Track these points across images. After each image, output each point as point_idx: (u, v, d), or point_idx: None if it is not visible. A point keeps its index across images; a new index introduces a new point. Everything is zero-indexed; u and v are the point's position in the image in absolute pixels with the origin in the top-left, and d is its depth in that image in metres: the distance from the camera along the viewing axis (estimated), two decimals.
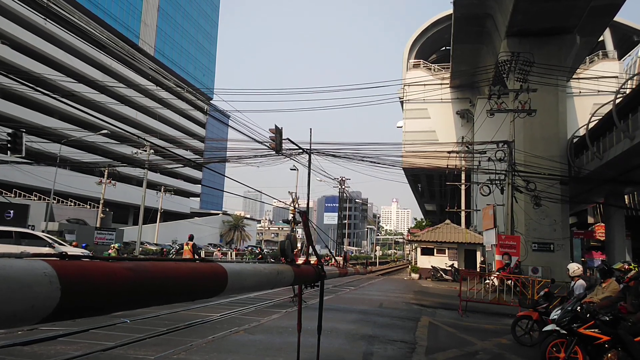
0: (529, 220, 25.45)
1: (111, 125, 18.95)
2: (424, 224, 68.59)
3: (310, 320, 6.68)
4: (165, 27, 69.50)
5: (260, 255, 34.69)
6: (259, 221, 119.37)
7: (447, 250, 30.42)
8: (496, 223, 22.71)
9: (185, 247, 17.09)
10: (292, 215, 39.12)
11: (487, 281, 20.27)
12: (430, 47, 54.06)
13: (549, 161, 24.17)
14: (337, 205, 65.80)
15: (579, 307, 6.53)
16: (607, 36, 44.48)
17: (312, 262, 4.41)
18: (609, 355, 6.18)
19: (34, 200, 41.64)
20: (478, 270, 27.20)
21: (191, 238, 17.14)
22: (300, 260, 4.92)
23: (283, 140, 21.64)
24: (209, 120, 77.70)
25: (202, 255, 36.71)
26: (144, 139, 28.58)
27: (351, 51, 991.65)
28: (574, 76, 38.21)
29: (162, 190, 49.80)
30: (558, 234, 26.13)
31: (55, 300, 1.40)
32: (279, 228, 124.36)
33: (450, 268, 28.96)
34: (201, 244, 50.60)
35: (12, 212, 28.91)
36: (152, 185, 48.89)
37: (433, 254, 30.44)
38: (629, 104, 21.68)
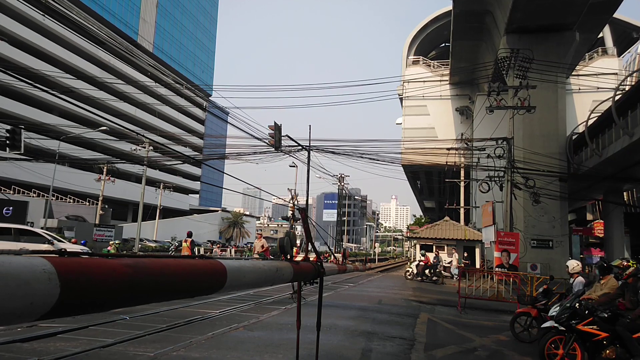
0: (528, 217, 25.49)
1: (110, 122, 18.94)
2: (423, 220, 68.61)
3: (309, 316, 6.69)
4: (164, 23, 69.31)
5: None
6: (258, 218, 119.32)
7: (446, 247, 30.44)
8: (495, 220, 22.74)
9: (184, 244, 17.16)
10: (291, 212, 39.18)
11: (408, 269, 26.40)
12: (430, 43, 54.04)
13: (548, 158, 24.21)
14: (336, 202, 65.83)
15: (577, 304, 6.54)
16: (606, 33, 44.49)
17: (311, 258, 4.41)
18: (607, 351, 6.20)
19: (33, 197, 41.60)
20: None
21: (190, 235, 17.20)
22: (300, 257, 4.92)
23: (282, 137, 21.62)
24: (207, 117, 77.61)
25: (202, 252, 36.75)
26: (143, 136, 28.47)
27: (351, 48, 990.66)
28: (573, 73, 38.23)
29: (161, 187, 49.79)
30: (557, 230, 26.18)
31: (54, 297, 1.39)
32: (278, 225, 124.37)
33: (449, 265, 28.99)
34: (200, 241, 50.70)
35: (11, 208, 28.87)
36: (151, 182, 48.88)
37: (432, 251, 30.46)
38: (628, 101, 21.69)
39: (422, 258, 25.87)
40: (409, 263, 30.23)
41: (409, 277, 25.56)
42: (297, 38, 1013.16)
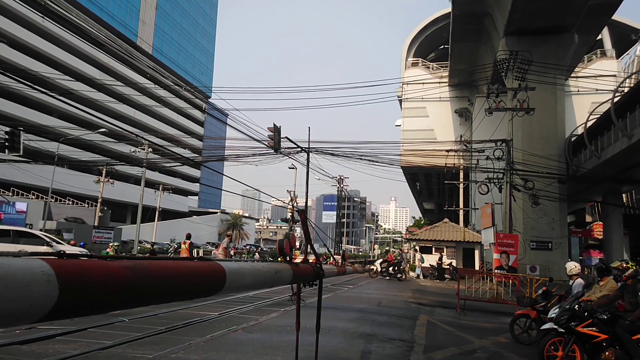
0: (527, 218, 25.49)
1: (109, 124, 18.93)
2: (422, 222, 68.55)
3: (308, 318, 6.68)
4: (163, 25, 69.33)
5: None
6: (257, 220, 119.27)
7: (445, 249, 30.44)
8: (494, 222, 22.73)
9: (183, 246, 17.20)
10: (290, 214, 39.14)
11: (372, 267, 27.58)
12: (429, 45, 54.06)
13: (547, 160, 24.21)
14: (336, 204, 65.83)
15: (576, 306, 6.54)
16: (605, 35, 44.52)
17: (310, 260, 4.41)
18: (607, 353, 6.19)
19: (32, 199, 41.56)
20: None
21: (189, 237, 17.24)
22: (299, 259, 4.92)
23: (281, 139, 21.62)
24: (207, 118, 77.57)
25: (201, 254, 36.72)
26: (142, 138, 28.52)
27: (350, 50, 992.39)
28: (572, 75, 38.26)
29: (161, 188, 49.72)
30: (556, 232, 26.18)
31: (53, 299, 1.39)
32: (277, 227, 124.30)
33: (448, 266, 29.02)
34: (199, 243, 50.62)
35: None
36: (151, 184, 48.80)
37: (431, 253, 30.47)
38: (627, 103, 21.71)
39: (385, 256, 26.84)
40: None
41: (373, 275, 25.81)
42: (297, 39, 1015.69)
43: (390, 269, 25.54)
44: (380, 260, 26.85)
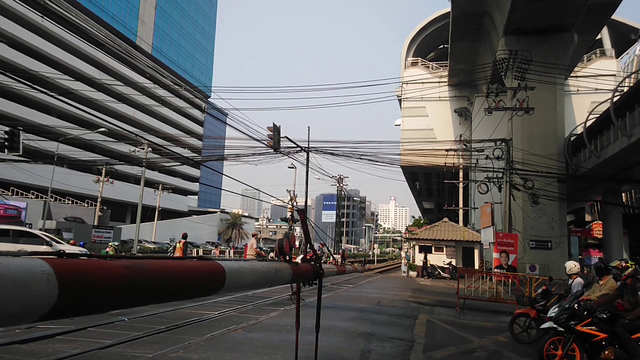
0: (526, 218, 25.50)
1: (109, 123, 18.90)
2: (421, 222, 68.54)
3: (308, 318, 6.69)
4: (162, 24, 69.29)
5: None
6: (257, 219, 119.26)
7: (444, 248, 30.45)
8: (494, 221, 22.72)
9: (178, 245, 17.31)
10: (290, 213, 39.13)
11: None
12: (428, 45, 54.07)
13: (546, 159, 24.22)
14: (335, 203, 65.80)
15: (576, 305, 6.55)
16: (604, 34, 44.56)
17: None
18: (606, 352, 6.20)
19: (32, 198, 41.53)
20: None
21: (184, 237, 17.34)
22: (299, 259, 4.92)
23: (281, 139, 21.62)
24: (206, 118, 77.55)
25: (200, 253, 36.74)
26: (142, 137, 28.50)
27: (350, 49, 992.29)
28: (571, 74, 38.28)
29: (160, 188, 49.72)
30: (555, 231, 26.19)
31: (53, 298, 1.39)
32: (277, 226, 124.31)
33: (448, 266, 29.05)
34: (199, 242, 50.64)
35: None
36: (150, 184, 48.80)
37: (431, 252, 30.47)
38: (626, 102, 21.73)
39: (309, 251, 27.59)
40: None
41: None
42: (297, 40, 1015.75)
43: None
44: (302, 256, 27.30)
